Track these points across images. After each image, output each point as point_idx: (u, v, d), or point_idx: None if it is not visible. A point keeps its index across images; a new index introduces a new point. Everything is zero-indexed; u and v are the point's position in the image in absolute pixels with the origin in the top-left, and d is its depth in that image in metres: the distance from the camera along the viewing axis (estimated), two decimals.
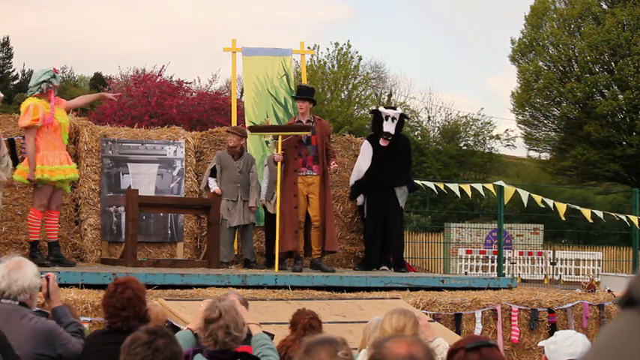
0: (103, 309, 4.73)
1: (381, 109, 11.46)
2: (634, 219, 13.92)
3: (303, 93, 10.25)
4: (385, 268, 10.92)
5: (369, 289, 9.23)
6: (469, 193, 13.70)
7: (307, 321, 5.77)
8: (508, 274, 17.79)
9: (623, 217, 13.82)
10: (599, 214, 13.64)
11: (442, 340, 5.22)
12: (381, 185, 10.93)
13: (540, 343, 4.73)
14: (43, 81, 8.83)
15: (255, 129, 10.66)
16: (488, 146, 40.09)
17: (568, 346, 4.36)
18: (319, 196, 9.95)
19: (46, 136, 8.77)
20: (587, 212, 13.42)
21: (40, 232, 8.98)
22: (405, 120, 11.78)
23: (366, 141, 11.33)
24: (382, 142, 11.02)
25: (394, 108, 11.74)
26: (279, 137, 9.98)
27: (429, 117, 40.74)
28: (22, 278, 4.37)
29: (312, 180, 9.96)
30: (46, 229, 9.05)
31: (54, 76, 8.91)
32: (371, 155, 11.02)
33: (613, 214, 14.10)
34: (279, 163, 9.87)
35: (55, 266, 8.57)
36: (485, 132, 39.87)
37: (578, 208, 13.69)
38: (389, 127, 11.03)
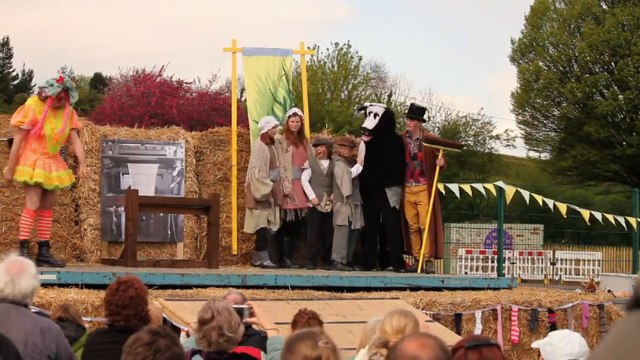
0: (104, 307, 4.73)
1: (367, 103, 11.35)
2: (632, 221, 13.90)
3: (412, 112, 11.27)
4: (391, 268, 10.89)
5: (369, 289, 9.22)
6: (469, 193, 13.70)
7: (306, 320, 5.76)
8: (508, 274, 17.80)
9: (621, 220, 13.78)
10: (598, 215, 13.62)
11: None
12: (371, 186, 10.82)
13: (534, 344, 4.60)
14: (42, 87, 8.77)
15: (428, 141, 11.08)
16: (488, 146, 40.14)
17: (565, 346, 4.31)
18: (427, 204, 10.84)
19: (30, 139, 8.71)
20: (586, 213, 13.40)
21: (31, 231, 8.92)
22: (389, 115, 11.22)
23: (362, 142, 11.15)
24: (364, 138, 10.97)
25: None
26: (440, 151, 10.83)
27: (429, 117, 40.72)
28: (26, 285, 4.37)
29: (419, 189, 10.94)
30: (38, 229, 8.98)
31: (52, 85, 8.78)
32: (364, 155, 10.93)
33: (612, 216, 14.06)
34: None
35: (42, 266, 8.44)
36: (485, 132, 39.89)
37: (577, 209, 13.67)
38: (368, 122, 10.86)
